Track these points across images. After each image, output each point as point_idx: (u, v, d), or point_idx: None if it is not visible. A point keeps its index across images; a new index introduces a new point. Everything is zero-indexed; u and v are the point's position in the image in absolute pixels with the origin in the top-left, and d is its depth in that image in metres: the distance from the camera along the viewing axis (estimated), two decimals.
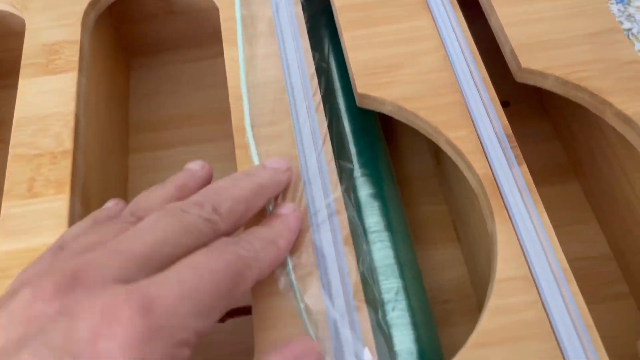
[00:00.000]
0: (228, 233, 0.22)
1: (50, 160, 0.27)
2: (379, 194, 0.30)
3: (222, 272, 0.19)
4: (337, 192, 0.25)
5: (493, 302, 0.23)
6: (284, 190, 0.25)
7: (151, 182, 0.24)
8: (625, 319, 0.30)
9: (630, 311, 0.31)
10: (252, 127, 0.27)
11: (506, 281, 0.23)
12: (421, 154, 0.37)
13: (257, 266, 0.21)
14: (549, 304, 0.22)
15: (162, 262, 0.18)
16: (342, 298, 0.23)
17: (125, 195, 0.35)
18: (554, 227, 0.24)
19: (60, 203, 0.26)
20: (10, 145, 0.27)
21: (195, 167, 0.25)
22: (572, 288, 0.23)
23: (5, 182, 0.26)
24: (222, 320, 0.29)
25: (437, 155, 0.36)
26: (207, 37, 0.41)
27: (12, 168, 0.27)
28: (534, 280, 0.23)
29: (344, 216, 0.25)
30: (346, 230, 0.24)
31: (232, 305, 0.19)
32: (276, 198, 0.25)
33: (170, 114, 0.39)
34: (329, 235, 0.24)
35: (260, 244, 0.21)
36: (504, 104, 0.39)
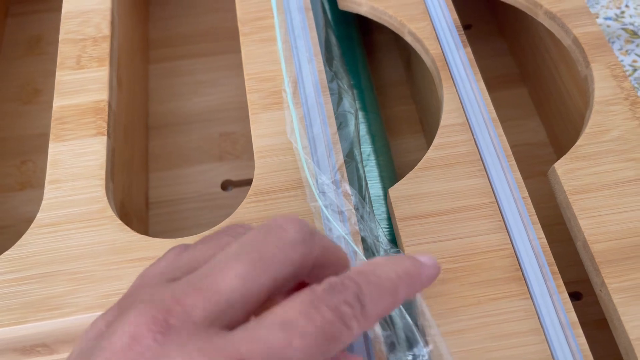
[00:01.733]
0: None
1: (92, 43, 0.34)
2: (357, 84, 0.37)
3: (314, 335, 0.17)
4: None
5: (437, 141, 0.29)
6: None
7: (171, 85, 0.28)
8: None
9: None
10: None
11: (448, 127, 0.30)
12: (395, 66, 0.44)
13: (359, 326, 0.18)
14: (479, 139, 0.29)
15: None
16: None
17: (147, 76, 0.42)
18: (503, 122, 0.30)
19: (101, 73, 0.32)
20: (60, 33, 0.34)
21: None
22: (499, 131, 0.30)
23: (58, 58, 0.33)
24: None
25: (408, 66, 0.43)
26: None
27: (63, 48, 0.34)
28: (469, 125, 0.30)
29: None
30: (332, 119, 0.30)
31: None
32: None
33: (184, 32, 0.46)
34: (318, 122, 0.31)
35: (372, 295, 0.18)
36: (467, 27, 0.45)
